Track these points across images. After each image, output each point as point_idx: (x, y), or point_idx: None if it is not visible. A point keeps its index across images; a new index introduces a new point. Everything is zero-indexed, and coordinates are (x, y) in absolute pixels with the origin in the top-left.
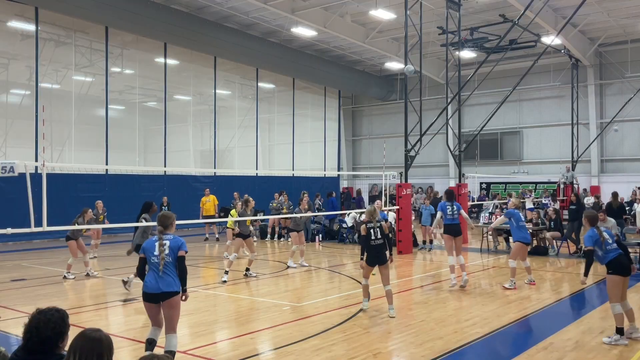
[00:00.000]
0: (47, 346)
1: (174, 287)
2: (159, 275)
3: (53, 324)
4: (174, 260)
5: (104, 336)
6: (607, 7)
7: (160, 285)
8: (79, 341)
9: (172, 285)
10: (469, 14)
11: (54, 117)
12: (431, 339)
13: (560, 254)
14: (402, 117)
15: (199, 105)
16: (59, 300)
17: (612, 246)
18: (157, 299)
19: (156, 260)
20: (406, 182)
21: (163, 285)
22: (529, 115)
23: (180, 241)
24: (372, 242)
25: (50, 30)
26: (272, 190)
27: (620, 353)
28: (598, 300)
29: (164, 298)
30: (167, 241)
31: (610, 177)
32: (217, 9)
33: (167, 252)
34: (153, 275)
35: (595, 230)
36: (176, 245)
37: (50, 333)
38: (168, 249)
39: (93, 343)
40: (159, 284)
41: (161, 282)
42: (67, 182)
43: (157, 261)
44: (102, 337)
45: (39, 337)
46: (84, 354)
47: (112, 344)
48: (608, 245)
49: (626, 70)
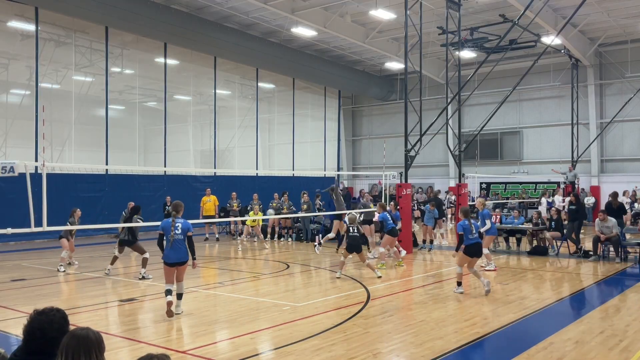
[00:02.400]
0: (51, 347)
1: (185, 257)
2: (173, 248)
3: (57, 324)
4: (184, 238)
5: (92, 334)
6: (607, 7)
7: (177, 256)
8: (68, 340)
9: (184, 257)
10: (469, 14)
11: (54, 117)
12: (431, 339)
13: (560, 254)
14: (402, 117)
15: (199, 105)
16: (58, 300)
17: (474, 235)
18: (173, 266)
19: (170, 237)
20: (406, 182)
21: (178, 257)
22: (529, 115)
23: (189, 224)
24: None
25: (50, 30)
26: (272, 190)
27: (620, 352)
28: (598, 300)
29: (178, 265)
30: (179, 223)
31: (610, 177)
32: (217, 9)
33: (179, 231)
34: (170, 249)
35: (467, 222)
36: (186, 227)
37: (56, 334)
38: (180, 229)
39: (81, 341)
40: (175, 255)
41: (176, 254)
42: (67, 182)
43: (170, 237)
44: (90, 335)
45: (44, 338)
46: (71, 351)
47: (102, 342)
48: (470, 235)
49: (626, 70)
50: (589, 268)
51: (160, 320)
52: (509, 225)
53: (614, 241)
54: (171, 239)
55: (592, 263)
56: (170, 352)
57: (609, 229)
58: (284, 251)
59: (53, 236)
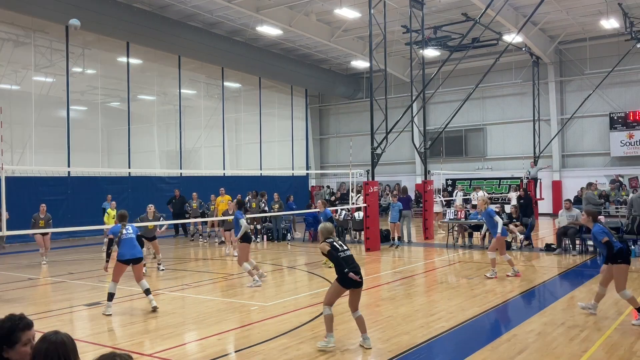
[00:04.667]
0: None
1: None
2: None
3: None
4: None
5: (65, 338)
6: (566, 5)
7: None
8: (43, 345)
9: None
10: (432, 13)
11: (14, 119)
12: (398, 335)
13: (524, 247)
14: (368, 116)
15: (164, 105)
16: (21, 305)
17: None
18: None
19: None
20: (373, 179)
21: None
22: (492, 112)
23: (134, 227)
24: (342, 253)
25: (8, 30)
26: (240, 190)
27: (581, 342)
28: (560, 292)
29: (135, 262)
30: (129, 225)
31: (571, 172)
32: (181, 8)
33: (131, 230)
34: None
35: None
36: (135, 229)
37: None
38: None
39: (57, 346)
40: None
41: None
42: (28, 185)
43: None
44: (64, 340)
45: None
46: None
47: (74, 344)
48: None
49: (585, 67)
50: (551, 261)
51: (126, 324)
52: (474, 220)
53: (571, 234)
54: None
55: (556, 256)
56: (136, 356)
57: (573, 217)
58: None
59: (14, 241)
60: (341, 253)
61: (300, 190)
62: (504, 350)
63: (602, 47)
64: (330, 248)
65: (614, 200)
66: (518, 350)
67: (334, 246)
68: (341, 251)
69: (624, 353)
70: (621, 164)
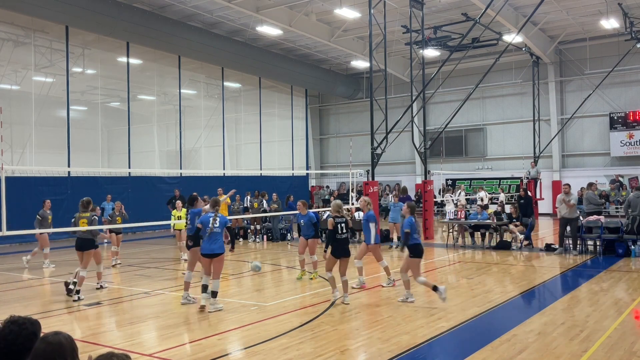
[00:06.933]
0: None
1: (221, 249)
2: (210, 239)
3: (23, 339)
4: (222, 231)
5: (64, 339)
6: (566, 5)
7: (212, 248)
8: (41, 345)
9: (220, 249)
10: (432, 13)
11: (14, 119)
12: (398, 335)
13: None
14: (368, 116)
15: (164, 105)
16: (20, 306)
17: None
18: (209, 257)
19: (209, 229)
20: (373, 179)
21: (213, 249)
22: (492, 112)
23: (225, 218)
24: (339, 235)
25: (8, 30)
26: (240, 190)
27: (581, 342)
28: (560, 292)
29: (213, 257)
30: (218, 217)
31: (571, 172)
32: (181, 8)
33: (217, 225)
34: (206, 241)
35: (413, 219)
36: (224, 221)
37: (19, 347)
38: (218, 222)
39: (55, 347)
40: (209, 246)
41: (212, 246)
42: (28, 185)
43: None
44: (63, 340)
45: (8, 349)
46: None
47: (74, 345)
48: (415, 233)
49: (585, 67)
50: (551, 261)
51: (125, 324)
52: (474, 220)
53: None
54: (209, 231)
55: (557, 256)
56: (136, 356)
57: (569, 200)
58: (252, 250)
59: (14, 241)
60: (338, 236)
61: (300, 191)
62: (504, 350)
63: (602, 47)
64: (333, 228)
65: (614, 200)
66: (518, 350)
67: (336, 228)
68: (339, 234)
69: (624, 353)
70: (621, 164)
